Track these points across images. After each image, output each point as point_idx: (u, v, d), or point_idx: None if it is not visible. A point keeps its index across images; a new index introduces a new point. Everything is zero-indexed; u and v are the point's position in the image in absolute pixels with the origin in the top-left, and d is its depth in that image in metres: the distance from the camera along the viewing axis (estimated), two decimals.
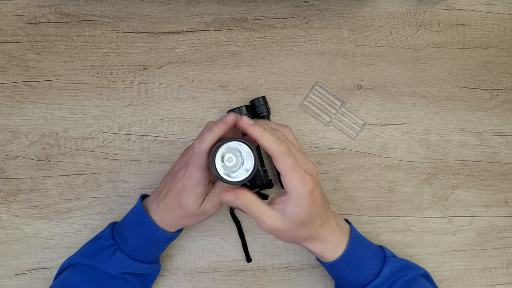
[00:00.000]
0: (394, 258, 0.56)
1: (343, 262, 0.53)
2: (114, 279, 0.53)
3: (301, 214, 0.48)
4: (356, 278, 0.53)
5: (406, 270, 0.55)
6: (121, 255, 0.53)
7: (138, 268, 0.54)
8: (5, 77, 0.62)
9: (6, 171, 0.62)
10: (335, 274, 0.55)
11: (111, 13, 0.64)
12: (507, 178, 0.67)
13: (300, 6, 0.66)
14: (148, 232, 0.53)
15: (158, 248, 0.56)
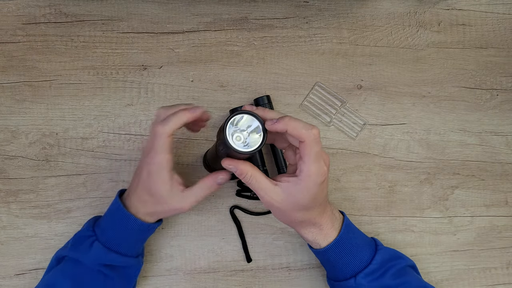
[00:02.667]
0: (385, 248, 0.56)
1: (335, 248, 0.52)
2: (94, 274, 0.53)
3: (305, 199, 0.48)
4: (348, 265, 0.53)
5: (398, 260, 0.55)
6: (98, 245, 0.53)
7: (114, 259, 0.53)
8: (5, 77, 0.62)
9: (6, 171, 0.62)
10: (327, 261, 0.55)
11: (111, 13, 0.64)
12: (507, 178, 0.67)
13: (300, 6, 0.66)
14: (123, 221, 0.53)
15: (135, 240, 0.55)
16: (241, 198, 0.63)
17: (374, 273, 0.52)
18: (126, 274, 0.56)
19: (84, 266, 0.53)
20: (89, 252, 0.53)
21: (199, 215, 0.63)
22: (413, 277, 0.55)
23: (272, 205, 0.49)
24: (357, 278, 0.52)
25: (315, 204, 0.50)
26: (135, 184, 0.53)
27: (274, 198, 0.48)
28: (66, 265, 0.54)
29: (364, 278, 0.52)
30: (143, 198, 0.52)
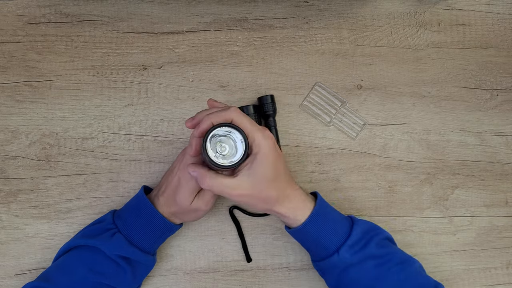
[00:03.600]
0: (362, 220, 0.56)
1: (313, 221, 0.53)
2: (108, 261, 0.53)
3: (268, 169, 0.49)
4: (329, 239, 0.53)
5: (376, 230, 0.55)
6: (120, 237, 0.53)
7: (134, 253, 0.54)
8: (5, 77, 0.62)
9: (6, 171, 0.62)
10: (307, 239, 0.55)
11: (111, 13, 0.64)
12: (507, 178, 0.67)
13: (300, 6, 0.66)
14: (149, 217, 0.54)
15: (157, 237, 0.56)
16: None
17: (356, 244, 0.52)
18: (139, 270, 0.56)
19: (100, 253, 0.53)
20: (109, 242, 0.53)
21: None
22: (397, 249, 0.55)
23: (243, 195, 0.49)
24: (340, 251, 0.52)
25: (279, 171, 0.51)
26: (164, 187, 0.55)
27: (241, 187, 0.49)
28: (82, 251, 0.54)
29: (347, 251, 0.52)
30: (169, 202, 0.54)
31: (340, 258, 0.52)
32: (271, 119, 0.62)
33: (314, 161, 0.65)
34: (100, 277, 0.53)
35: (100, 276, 0.53)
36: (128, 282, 0.55)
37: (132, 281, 0.56)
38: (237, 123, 0.48)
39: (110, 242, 0.53)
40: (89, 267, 0.53)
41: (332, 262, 0.53)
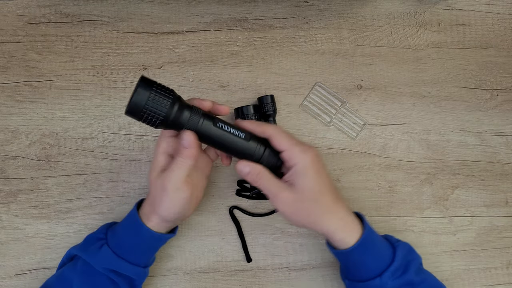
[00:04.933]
0: (400, 242, 0.56)
1: (362, 246, 0.51)
2: (103, 278, 0.52)
3: (309, 183, 0.49)
4: (373, 264, 0.52)
5: (413, 254, 0.55)
6: (107, 250, 0.52)
7: (121, 266, 0.52)
8: (5, 77, 0.62)
9: (6, 171, 0.62)
10: (350, 261, 0.54)
11: (111, 13, 0.64)
12: (507, 178, 0.67)
13: (300, 6, 0.66)
14: (134, 229, 0.53)
15: (145, 249, 0.54)
16: (241, 198, 0.63)
17: (398, 270, 0.52)
18: (131, 282, 0.55)
19: (93, 268, 0.52)
20: (97, 255, 0.52)
21: (199, 215, 0.63)
22: (431, 275, 0.55)
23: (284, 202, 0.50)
24: (383, 277, 0.51)
25: (322, 187, 0.50)
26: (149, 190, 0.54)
27: (286, 195, 0.49)
28: (78, 263, 0.53)
29: (389, 277, 0.51)
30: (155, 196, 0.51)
31: (382, 283, 0.51)
32: (271, 119, 0.62)
33: None
34: None
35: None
36: None
37: None
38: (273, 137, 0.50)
39: (98, 255, 0.52)
40: (82, 280, 0.52)
41: (373, 285, 0.52)
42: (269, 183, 0.50)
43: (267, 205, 0.64)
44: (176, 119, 0.47)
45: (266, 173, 0.50)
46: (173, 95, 0.47)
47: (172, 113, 0.46)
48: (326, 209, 0.51)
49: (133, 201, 0.62)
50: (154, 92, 0.45)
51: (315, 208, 0.51)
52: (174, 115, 0.46)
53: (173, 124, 0.47)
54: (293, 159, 0.49)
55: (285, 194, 0.50)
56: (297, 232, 0.64)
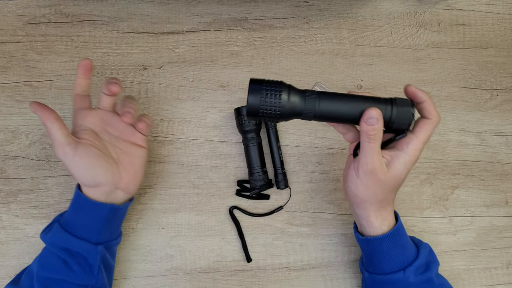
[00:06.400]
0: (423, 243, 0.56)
1: (392, 237, 0.52)
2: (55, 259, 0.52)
3: (404, 174, 0.49)
4: (399, 256, 0.53)
5: (433, 255, 0.55)
6: (57, 227, 0.53)
7: (70, 242, 0.52)
8: (5, 77, 0.62)
9: (6, 171, 0.62)
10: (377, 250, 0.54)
11: (111, 13, 0.64)
12: (507, 178, 0.67)
13: (300, 6, 0.66)
14: (76, 201, 0.53)
15: (90, 220, 0.53)
16: (241, 198, 0.63)
17: (421, 267, 0.52)
18: (84, 263, 0.53)
19: (47, 249, 0.53)
20: (48, 233, 0.53)
21: (199, 215, 0.63)
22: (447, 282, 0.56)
23: (375, 173, 0.48)
24: (406, 271, 0.52)
25: (401, 183, 0.50)
26: None
27: (380, 167, 0.48)
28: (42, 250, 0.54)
29: (413, 272, 0.52)
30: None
31: (405, 277, 0.52)
32: None
33: (314, 161, 0.65)
34: (48, 272, 0.52)
35: (47, 271, 0.52)
36: (79, 275, 0.52)
37: (84, 276, 0.52)
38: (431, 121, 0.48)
39: (48, 234, 0.53)
40: (40, 265, 0.52)
41: (395, 279, 0.52)
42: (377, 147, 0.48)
43: (267, 205, 0.64)
44: (293, 110, 0.47)
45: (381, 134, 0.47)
46: (281, 90, 0.46)
47: (288, 107, 0.46)
48: (385, 200, 0.51)
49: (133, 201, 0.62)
50: (264, 93, 0.46)
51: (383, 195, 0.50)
52: (289, 108, 0.46)
53: (293, 114, 0.47)
54: (411, 149, 0.48)
55: (379, 164, 0.48)
56: (297, 232, 0.64)
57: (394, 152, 0.49)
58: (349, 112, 0.47)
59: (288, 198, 0.64)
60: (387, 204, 0.52)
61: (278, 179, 0.62)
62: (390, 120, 0.47)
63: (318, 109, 0.47)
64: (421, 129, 0.48)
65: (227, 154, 0.64)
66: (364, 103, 0.47)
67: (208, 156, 0.64)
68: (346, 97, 0.47)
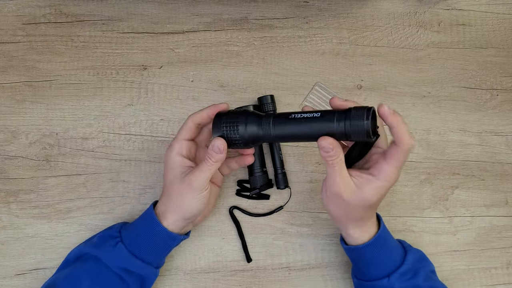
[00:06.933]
0: (413, 248, 0.56)
1: (374, 245, 0.52)
2: (112, 276, 0.53)
3: (374, 198, 0.48)
4: (382, 264, 0.53)
5: (424, 262, 0.55)
6: (122, 247, 0.53)
7: (136, 265, 0.53)
8: (5, 77, 0.62)
9: (6, 171, 0.62)
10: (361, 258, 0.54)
11: (111, 13, 0.64)
12: (507, 178, 0.67)
13: (300, 6, 0.66)
14: (150, 227, 0.53)
15: (159, 249, 0.55)
16: (241, 198, 0.63)
17: (407, 273, 0.52)
18: (141, 282, 0.55)
19: (104, 266, 0.52)
20: (111, 252, 0.53)
21: None
22: (440, 284, 0.56)
23: (340, 195, 0.48)
24: (391, 278, 0.52)
25: (377, 204, 0.50)
26: (163, 192, 0.55)
27: (345, 189, 0.48)
28: (88, 262, 0.53)
29: (397, 279, 0.52)
30: (164, 200, 0.54)
31: (389, 284, 0.52)
32: None
33: (314, 161, 0.65)
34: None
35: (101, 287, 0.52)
36: None
37: None
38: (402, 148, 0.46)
39: (112, 253, 0.53)
40: (93, 279, 0.52)
41: (380, 285, 0.53)
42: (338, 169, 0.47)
43: (267, 205, 0.64)
44: (253, 138, 0.50)
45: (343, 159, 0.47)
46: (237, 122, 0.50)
47: (246, 136, 0.50)
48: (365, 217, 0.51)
49: (133, 201, 0.62)
50: (224, 128, 0.51)
51: (358, 214, 0.50)
52: (249, 137, 0.50)
53: (255, 141, 0.50)
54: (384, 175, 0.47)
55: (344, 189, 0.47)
56: (297, 232, 0.64)
57: (366, 176, 0.48)
58: (304, 135, 0.48)
59: (288, 198, 0.64)
60: (366, 220, 0.51)
61: (278, 179, 0.62)
62: (345, 135, 0.46)
63: (274, 134, 0.49)
64: (392, 156, 0.47)
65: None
66: (317, 124, 0.47)
67: None
68: (298, 121, 0.48)
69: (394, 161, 0.47)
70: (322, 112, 0.48)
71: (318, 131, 0.47)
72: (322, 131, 0.47)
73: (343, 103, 0.48)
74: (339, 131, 0.46)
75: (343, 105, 0.48)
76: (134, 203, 0.62)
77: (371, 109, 0.46)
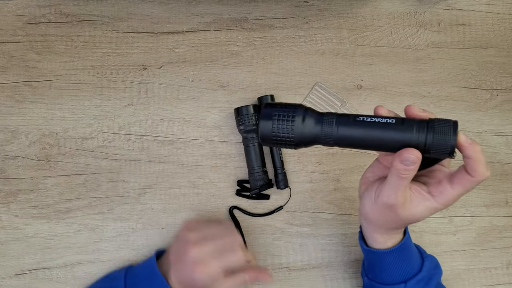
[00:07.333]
0: (429, 255, 0.56)
1: (397, 252, 0.51)
2: None
3: (422, 217, 0.45)
4: (402, 270, 0.52)
5: (437, 269, 0.55)
6: None
7: None
8: (5, 77, 0.62)
9: (6, 171, 0.62)
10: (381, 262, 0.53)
11: (111, 13, 0.64)
12: (507, 178, 0.67)
13: (300, 6, 0.66)
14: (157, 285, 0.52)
15: None
16: (241, 198, 0.63)
17: (422, 280, 0.52)
18: None
19: None
20: None
21: (199, 215, 0.63)
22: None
23: (394, 208, 0.44)
24: (408, 284, 0.51)
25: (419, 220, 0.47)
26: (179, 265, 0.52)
27: (402, 204, 0.44)
28: None
29: (414, 285, 0.51)
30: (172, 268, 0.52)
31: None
32: None
33: (314, 161, 0.65)
34: None
35: None
36: None
37: None
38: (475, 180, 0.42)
39: None
40: None
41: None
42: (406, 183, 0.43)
43: (267, 205, 0.64)
44: (308, 136, 0.42)
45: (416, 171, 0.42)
46: (295, 114, 0.42)
47: (302, 132, 0.42)
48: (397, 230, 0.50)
49: (133, 201, 0.62)
50: (276, 120, 0.42)
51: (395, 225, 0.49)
52: (304, 133, 0.42)
53: (309, 141, 0.43)
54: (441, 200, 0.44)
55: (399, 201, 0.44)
56: (297, 232, 0.64)
57: (425, 194, 0.45)
58: (375, 141, 0.41)
59: (288, 198, 0.64)
60: (397, 231, 0.50)
61: (278, 179, 0.62)
62: (424, 150, 0.40)
63: (337, 136, 0.42)
64: (460, 182, 0.43)
65: (227, 154, 0.64)
66: (391, 131, 0.40)
67: (208, 156, 0.64)
68: (369, 124, 0.41)
69: (461, 189, 0.43)
70: (397, 119, 0.42)
71: (391, 139, 0.41)
72: (396, 141, 0.41)
73: (422, 113, 0.43)
74: (417, 143, 0.40)
75: (422, 115, 0.43)
76: (134, 203, 0.62)
77: (457, 123, 0.40)
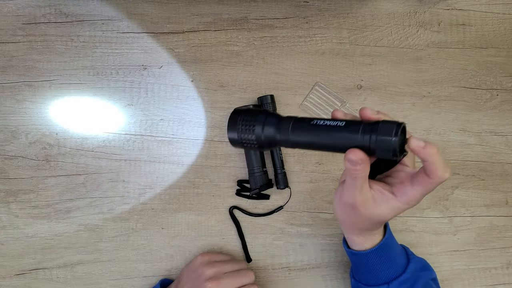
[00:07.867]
0: (416, 257, 0.56)
1: (377, 252, 0.51)
2: None
3: (388, 217, 0.46)
4: (384, 271, 0.52)
5: (425, 271, 0.55)
6: None
7: None
8: (5, 77, 0.62)
9: (6, 171, 0.62)
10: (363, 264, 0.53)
11: (111, 13, 0.64)
12: (507, 178, 0.67)
13: (300, 6, 0.66)
14: None
15: None
16: (241, 198, 0.63)
17: (406, 282, 0.52)
18: None
19: None
20: None
21: (199, 215, 0.63)
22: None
23: (355, 208, 0.45)
24: (390, 285, 0.51)
25: (388, 220, 0.48)
26: None
27: (362, 204, 0.45)
28: None
29: (397, 286, 0.51)
30: None
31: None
32: None
33: (314, 161, 0.65)
34: None
35: None
36: None
37: None
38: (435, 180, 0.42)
39: None
40: None
41: None
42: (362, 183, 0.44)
43: (267, 205, 0.64)
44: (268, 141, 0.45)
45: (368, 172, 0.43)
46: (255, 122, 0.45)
47: (263, 138, 0.45)
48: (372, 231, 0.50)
49: (133, 201, 0.62)
50: (239, 127, 0.46)
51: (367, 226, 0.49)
52: (265, 139, 0.45)
53: (270, 143, 0.45)
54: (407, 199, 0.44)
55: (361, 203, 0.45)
56: (297, 232, 0.64)
57: (387, 194, 0.45)
58: (324, 144, 0.43)
59: (288, 198, 0.64)
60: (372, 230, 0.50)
61: (278, 179, 0.62)
62: (369, 150, 0.41)
63: (291, 140, 0.44)
64: (419, 183, 0.43)
65: (227, 154, 0.64)
66: (339, 134, 0.42)
67: (208, 156, 0.64)
68: (320, 128, 0.43)
69: (421, 189, 0.43)
70: (347, 121, 0.43)
71: (338, 141, 0.42)
72: (343, 143, 0.42)
73: (374, 115, 0.43)
74: (362, 144, 0.41)
75: (374, 117, 0.43)
76: (134, 203, 0.62)
77: (402, 124, 0.41)
